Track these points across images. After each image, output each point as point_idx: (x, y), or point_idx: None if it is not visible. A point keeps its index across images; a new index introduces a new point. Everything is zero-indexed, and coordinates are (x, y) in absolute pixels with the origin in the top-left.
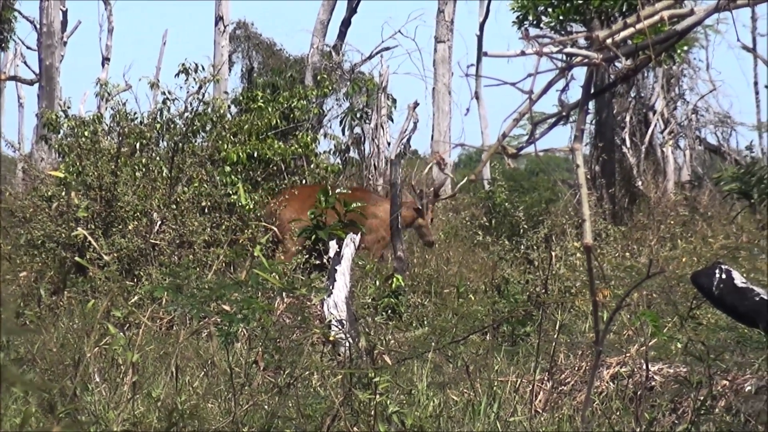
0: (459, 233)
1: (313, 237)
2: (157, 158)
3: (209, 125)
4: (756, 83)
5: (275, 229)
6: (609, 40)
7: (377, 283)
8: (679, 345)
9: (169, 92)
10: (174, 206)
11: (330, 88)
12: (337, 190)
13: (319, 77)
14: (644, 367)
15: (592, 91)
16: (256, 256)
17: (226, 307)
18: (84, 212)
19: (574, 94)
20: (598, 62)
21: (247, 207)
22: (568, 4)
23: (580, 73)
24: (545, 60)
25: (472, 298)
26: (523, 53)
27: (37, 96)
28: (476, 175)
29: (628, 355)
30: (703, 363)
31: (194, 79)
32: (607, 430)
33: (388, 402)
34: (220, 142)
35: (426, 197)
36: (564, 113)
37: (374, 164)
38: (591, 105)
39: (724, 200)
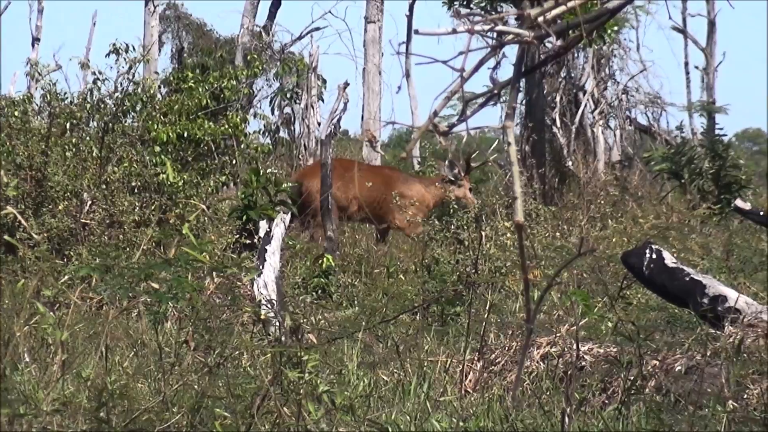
0: None
1: (245, 217)
2: (88, 138)
3: (139, 105)
4: (686, 64)
5: (204, 207)
6: (540, 18)
7: (307, 263)
8: (609, 325)
9: (100, 72)
10: (104, 186)
11: (260, 68)
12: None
13: (249, 57)
14: (575, 346)
15: (524, 69)
16: (185, 234)
17: (155, 285)
18: (14, 191)
19: (506, 72)
20: (530, 40)
21: (177, 185)
22: None
23: (511, 52)
24: (476, 38)
25: (402, 278)
26: (454, 31)
27: None
28: (407, 153)
29: (558, 335)
30: (634, 343)
31: (124, 59)
32: (537, 409)
33: (318, 381)
34: (150, 122)
35: (458, 168)
36: (495, 91)
37: (304, 144)
38: (522, 85)
39: (654, 180)
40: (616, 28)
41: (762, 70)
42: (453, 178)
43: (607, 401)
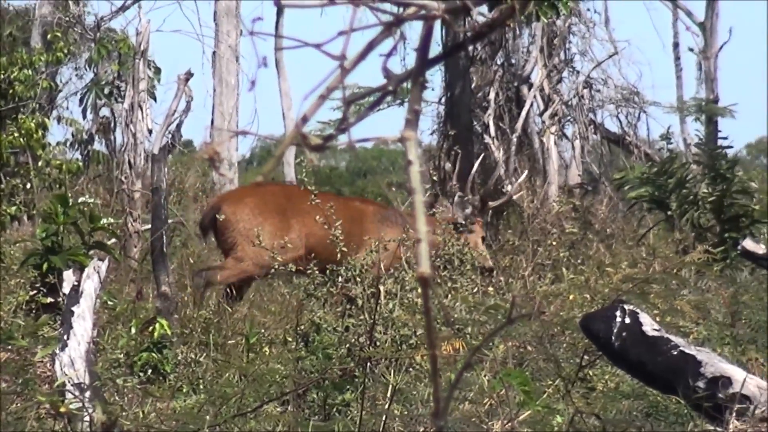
0: None
1: (45, 265)
2: None
3: None
4: (676, 45)
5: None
6: None
7: (132, 330)
8: (560, 420)
9: None
10: None
11: (66, 52)
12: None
13: (50, 36)
14: None
15: (432, 55)
16: None
17: None
18: None
19: (412, 59)
20: (439, 15)
21: None
22: None
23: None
24: (365, 12)
25: (268, 353)
26: (332, 1)
27: None
28: (265, 175)
29: None
30: None
31: None
32: None
33: None
34: None
35: (471, 207)
36: (391, 87)
37: (129, 160)
38: (441, 76)
39: (629, 212)
40: None
41: None
42: (462, 221)
43: None
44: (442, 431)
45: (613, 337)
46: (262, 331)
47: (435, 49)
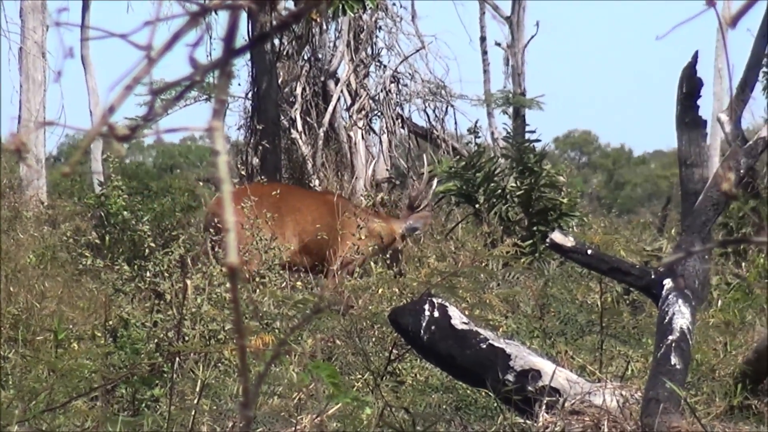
0: (58, 255)
1: None
2: None
3: None
4: (483, 39)
5: None
6: None
7: None
8: (369, 412)
9: None
10: None
11: None
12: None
13: None
14: None
15: (238, 46)
16: None
17: None
18: None
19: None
20: (244, 4)
21: None
22: None
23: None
24: (172, 3)
25: (77, 348)
26: None
27: None
28: (72, 168)
29: (299, 427)
30: None
31: None
32: None
33: None
34: None
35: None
36: (198, 77)
37: None
38: (249, 70)
39: (437, 206)
40: None
41: (592, 45)
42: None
43: None
44: (251, 422)
45: (421, 331)
46: (71, 326)
47: (242, 41)
